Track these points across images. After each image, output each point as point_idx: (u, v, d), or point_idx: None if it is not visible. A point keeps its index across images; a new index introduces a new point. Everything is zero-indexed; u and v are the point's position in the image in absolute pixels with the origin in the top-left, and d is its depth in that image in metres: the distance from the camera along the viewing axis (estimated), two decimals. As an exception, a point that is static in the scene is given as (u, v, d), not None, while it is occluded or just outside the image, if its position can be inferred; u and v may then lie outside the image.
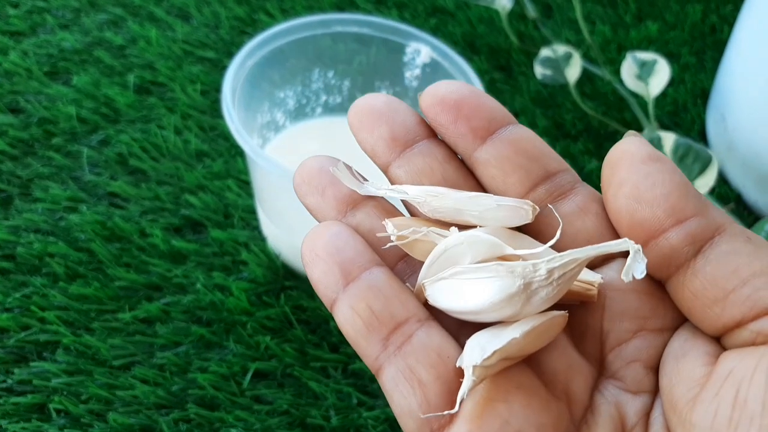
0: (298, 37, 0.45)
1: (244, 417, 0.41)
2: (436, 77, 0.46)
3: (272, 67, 0.45)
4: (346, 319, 0.22)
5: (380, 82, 0.48)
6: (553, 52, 0.57)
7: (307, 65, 0.47)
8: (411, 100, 0.47)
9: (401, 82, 0.47)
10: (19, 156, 0.51)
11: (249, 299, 0.45)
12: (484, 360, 0.20)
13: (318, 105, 0.49)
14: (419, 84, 0.47)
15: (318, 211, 0.25)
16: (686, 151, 0.45)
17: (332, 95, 0.49)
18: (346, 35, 0.46)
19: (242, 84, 0.43)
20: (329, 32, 0.46)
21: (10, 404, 0.41)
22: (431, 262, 0.22)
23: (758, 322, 0.20)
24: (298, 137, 0.49)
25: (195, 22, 0.62)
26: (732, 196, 0.53)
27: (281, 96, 0.47)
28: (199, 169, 0.51)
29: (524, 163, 0.24)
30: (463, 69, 0.44)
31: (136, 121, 0.54)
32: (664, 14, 0.67)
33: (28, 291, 0.45)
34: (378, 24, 0.46)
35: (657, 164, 0.22)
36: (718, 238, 0.21)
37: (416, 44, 0.45)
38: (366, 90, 0.49)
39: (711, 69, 0.62)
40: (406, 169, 0.24)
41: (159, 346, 0.43)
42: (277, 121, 0.48)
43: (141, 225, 0.48)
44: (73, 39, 0.59)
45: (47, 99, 0.55)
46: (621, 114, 0.58)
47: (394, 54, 0.46)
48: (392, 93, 0.48)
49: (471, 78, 0.43)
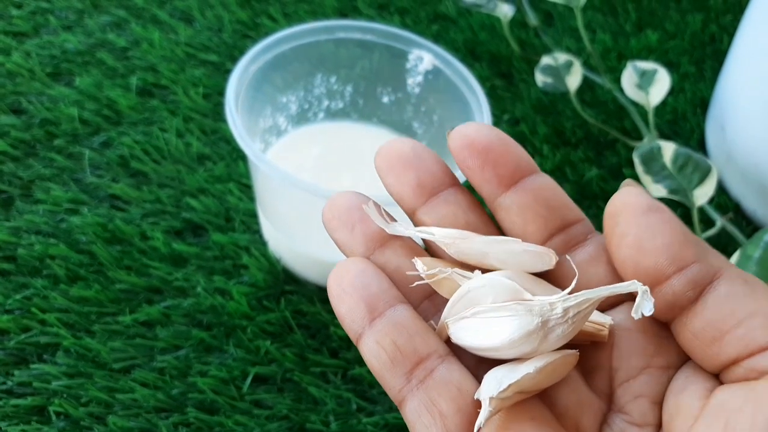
0: (302, 42, 0.45)
1: (244, 421, 0.41)
2: (438, 85, 0.46)
3: (275, 71, 0.45)
4: (371, 353, 0.23)
5: (382, 87, 0.49)
6: (553, 60, 0.57)
7: (310, 70, 0.47)
8: (413, 106, 0.48)
9: (403, 89, 0.48)
10: (20, 157, 0.51)
11: (249, 303, 0.45)
12: (500, 392, 0.21)
13: (320, 110, 0.49)
14: (421, 91, 0.47)
15: (346, 247, 0.26)
16: (686, 161, 0.45)
17: (334, 100, 0.49)
18: (348, 41, 0.46)
19: (245, 88, 0.43)
20: (332, 38, 0.46)
21: (9, 406, 0.41)
22: (454, 302, 0.24)
23: (751, 360, 0.22)
24: (300, 142, 0.49)
25: (198, 25, 0.62)
26: (731, 205, 0.54)
27: (283, 101, 0.47)
28: (200, 173, 0.51)
29: (544, 213, 0.25)
30: (465, 77, 0.44)
31: (138, 124, 0.54)
32: (664, 23, 0.67)
33: (29, 293, 0.45)
34: (381, 31, 0.46)
35: (657, 215, 0.23)
36: (717, 282, 0.23)
37: (419, 51, 0.45)
38: (368, 96, 0.49)
39: (710, 78, 0.62)
40: (432, 216, 0.26)
41: (159, 349, 0.44)
42: (279, 125, 0.48)
43: (142, 228, 0.48)
44: (76, 40, 0.59)
45: (49, 100, 0.55)
46: (621, 122, 0.58)
47: (396, 60, 0.47)
48: (394, 99, 0.48)
49: (473, 86, 0.43)
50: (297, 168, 0.46)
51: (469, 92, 0.44)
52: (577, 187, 0.53)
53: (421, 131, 0.49)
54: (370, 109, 0.50)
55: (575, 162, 0.55)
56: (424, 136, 0.48)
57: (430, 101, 0.47)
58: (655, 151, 0.46)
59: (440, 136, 0.46)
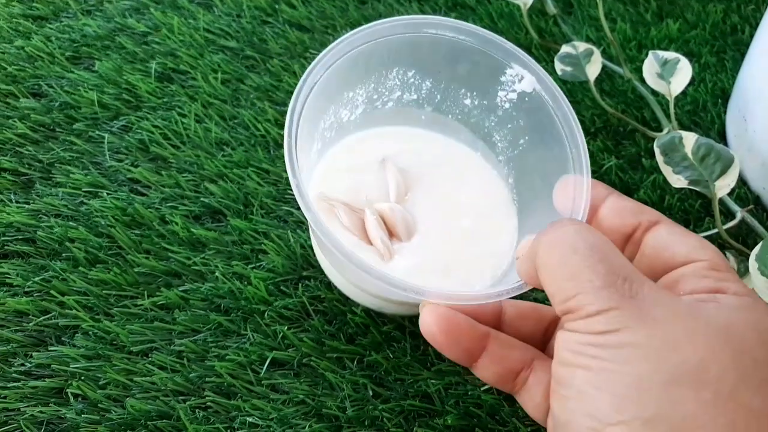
0: (381, 39, 0.39)
1: (261, 406, 0.41)
2: (533, 110, 0.40)
3: (348, 71, 0.39)
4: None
5: (467, 90, 0.43)
6: (573, 48, 0.57)
7: (387, 64, 0.41)
8: (498, 118, 0.43)
9: (492, 98, 0.42)
10: (40, 140, 0.52)
11: (267, 288, 0.45)
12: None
13: (390, 100, 0.43)
14: (511, 108, 0.41)
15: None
16: (707, 151, 0.45)
17: (408, 92, 0.43)
18: (438, 39, 0.40)
19: (309, 98, 0.37)
20: (419, 34, 0.40)
21: (28, 387, 0.41)
22: None
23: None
24: (364, 143, 0.44)
25: (217, 10, 0.62)
26: (751, 197, 0.53)
27: (350, 95, 0.42)
28: (219, 158, 0.51)
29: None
30: (567, 117, 0.38)
31: (157, 108, 0.54)
32: (685, 13, 0.66)
33: (48, 275, 0.45)
34: (480, 36, 0.40)
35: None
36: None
37: (520, 68, 0.41)
38: (447, 93, 0.44)
39: (732, 69, 0.62)
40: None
41: (177, 333, 0.44)
42: (342, 118, 0.43)
43: (161, 212, 0.48)
44: (96, 25, 0.59)
45: (69, 84, 0.55)
46: (640, 112, 0.58)
47: (490, 70, 0.41)
48: (477, 104, 0.43)
49: (574, 129, 0.38)
50: (356, 180, 0.42)
51: (570, 136, 0.38)
52: (596, 177, 0.53)
53: (501, 145, 0.43)
54: (447, 106, 0.44)
55: (594, 151, 0.55)
56: (503, 152, 0.43)
57: (519, 122, 0.42)
58: (676, 141, 0.45)
59: (522, 161, 0.41)
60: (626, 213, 0.32)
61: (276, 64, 0.58)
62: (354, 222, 0.39)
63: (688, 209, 0.51)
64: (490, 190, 0.43)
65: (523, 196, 0.42)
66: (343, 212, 0.39)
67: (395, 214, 0.39)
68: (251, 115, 0.54)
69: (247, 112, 0.54)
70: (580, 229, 0.28)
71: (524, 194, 0.41)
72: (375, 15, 0.63)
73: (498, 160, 0.43)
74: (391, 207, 0.39)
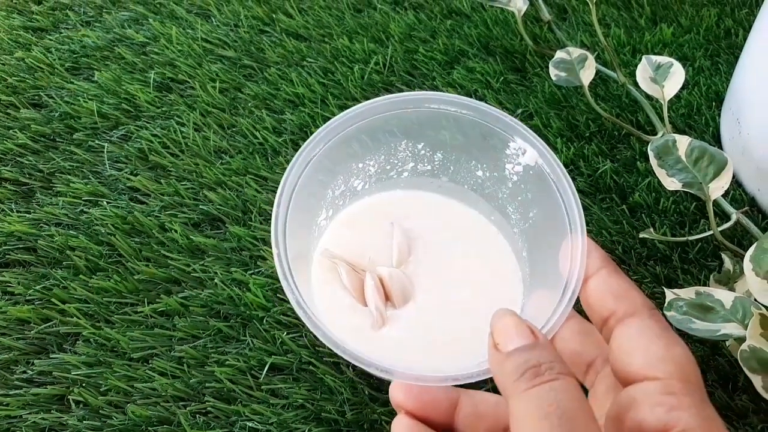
0: (385, 114, 0.40)
1: (261, 410, 0.41)
2: (538, 183, 0.40)
3: (347, 146, 0.40)
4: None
5: (477, 162, 0.42)
6: (567, 54, 0.57)
7: (396, 136, 0.42)
8: (510, 190, 0.42)
9: (500, 170, 0.42)
10: (41, 150, 0.52)
11: (265, 295, 0.46)
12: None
13: (405, 170, 0.43)
14: (519, 180, 0.41)
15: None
16: (701, 154, 0.45)
17: (421, 162, 0.43)
18: (440, 114, 0.41)
19: (307, 168, 0.38)
20: (420, 109, 0.40)
21: (30, 395, 0.41)
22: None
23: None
24: (378, 202, 0.43)
25: (215, 20, 0.63)
26: (746, 199, 0.54)
27: (359, 166, 0.42)
28: (217, 166, 0.52)
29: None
30: (566, 189, 0.37)
31: (156, 118, 0.55)
32: (679, 18, 0.67)
33: (49, 283, 0.46)
34: (480, 110, 0.40)
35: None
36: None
37: (522, 142, 0.40)
38: (459, 165, 0.43)
39: (725, 72, 0.62)
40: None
41: (177, 339, 0.44)
42: (355, 187, 0.43)
43: (161, 220, 0.49)
44: (95, 36, 0.60)
45: (69, 94, 0.55)
46: (634, 116, 0.58)
47: (495, 143, 0.41)
48: (489, 177, 0.42)
49: (572, 204, 0.37)
50: (362, 241, 0.42)
51: (569, 210, 0.37)
52: (591, 180, 0.54)
53: (515, 217, 0.42)
54: (462, 177, 0.43)
55: (589, 155, 0.55)
56: (517, 224, 0.42)
57: (528, 195, 0.41)
58: (670, 144, 0.46)
59: (533, 234, 0.40)
60: (607, 296, 0.31)
61: (273, 73, 0.58)
62: (353, 283, 0.39)
63: (684, 211, 0.52)
64: (497, 262, 0.41)
65: (534, 271, 0.40)
66: (344, 271, 0.39)
67: (393, 280, 0.39)
68: (249, 123, 0.54)
69: (245, 121, 0.54)
70: (555, 387, 0.27)
71: (536, 269, 0.40)
72: (371, 23, 0.63)
73: (513, 232, 0.42)
74: (390, 272, 0.39)
